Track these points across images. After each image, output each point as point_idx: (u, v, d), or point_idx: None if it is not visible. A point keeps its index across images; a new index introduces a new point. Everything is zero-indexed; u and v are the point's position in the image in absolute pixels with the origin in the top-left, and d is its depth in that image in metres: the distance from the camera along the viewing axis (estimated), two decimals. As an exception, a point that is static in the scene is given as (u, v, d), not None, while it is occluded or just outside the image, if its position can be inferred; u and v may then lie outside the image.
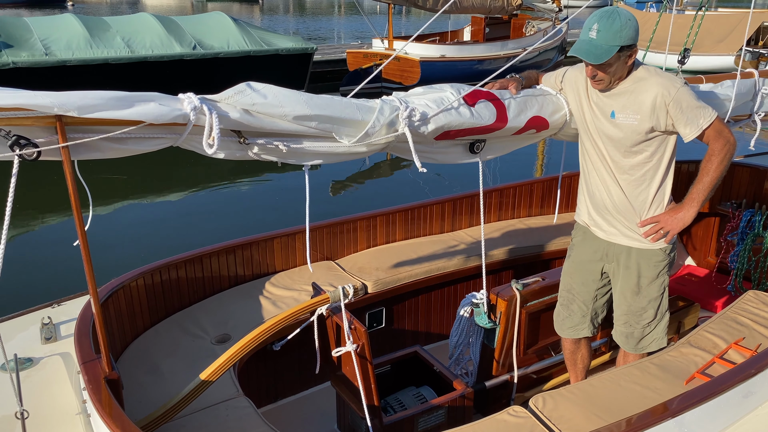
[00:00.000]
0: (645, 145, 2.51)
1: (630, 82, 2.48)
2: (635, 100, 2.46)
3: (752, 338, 2.83)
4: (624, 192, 2.59)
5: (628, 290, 2.70)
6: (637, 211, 2.60)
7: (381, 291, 3.48)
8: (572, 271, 2.86)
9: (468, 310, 3.15)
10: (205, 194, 8.33)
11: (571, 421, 2.32)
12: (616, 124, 2.51)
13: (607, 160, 2.59)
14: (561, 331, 2.95)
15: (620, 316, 2.77)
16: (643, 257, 2.64)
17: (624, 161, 2.55)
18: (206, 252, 3.25)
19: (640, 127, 2.47)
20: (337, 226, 3.72)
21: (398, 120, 2.36)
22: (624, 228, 2.65)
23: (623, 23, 2.33)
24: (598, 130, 2.58)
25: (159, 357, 2.75)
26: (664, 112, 2.42)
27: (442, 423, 2.78)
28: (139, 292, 2.92)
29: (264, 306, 3.17)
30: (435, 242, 3.96)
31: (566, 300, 2.90)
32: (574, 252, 2.86)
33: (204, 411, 2.39)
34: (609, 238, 2.70)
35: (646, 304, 2.68)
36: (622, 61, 2.42)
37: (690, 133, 2.44)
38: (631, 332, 2.75)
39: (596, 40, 2.35)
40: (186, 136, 2.05)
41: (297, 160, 2.31)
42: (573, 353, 3.00)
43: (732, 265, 4.20)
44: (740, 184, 4.28)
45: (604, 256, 2.74)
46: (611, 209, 2.64)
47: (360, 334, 2.44)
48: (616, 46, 2.33)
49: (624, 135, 2.50)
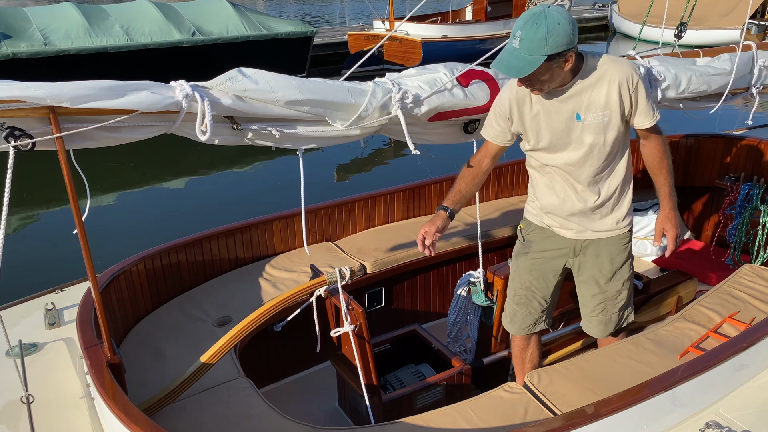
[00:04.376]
0: (617, 140, 2.37)
1: (587, 78, 2.27)
2: (599, 95, 2.28)
3: (747, 312, 2.86)
4: (601, 192, 2.47)
5: (602, 278, 2.60)
6: (614, 203, 2.51)
7: (380, 271, 3.51)
8: (531, 267, 2.69)
9: (465, 288, 3.19)
10: (206, 179, 8.38)
11: (565, 396, 2.36)
12: (584, 127, 2.32)
13: (580, 168, 2.41)
14: (518, 330, 2.81)
15: (596, 305, 2.67)
16: (612, 244, 2.56)
17: (600, 166, 2.40)
18: (206, 236, 3.29)
19: (612, 124, 2.31)
20: (336, 207, 3.75)
21: (391, 102, 2.38)
22: (597, 224, 2.53)
23: (549, 30, 2.08)
24: (564, 137, 2.37)
25: (161, 340, 2.80)
26: (629, 99, 2.29)
27: (441, 399, 2.83)
28: (140, 277, 2.96)
29: (264, 288, 3.21)
30: None
31: (525, 298, 2.73)
32: (533, 248, 2.68)
33: (206, 392, 2.44)
34: (579, 236, 2.57)
35: (621, 286, 2.62)
36: (557, 68, 2.18)
37: (646, 122, 2.34)
38: (609, 318, 2.68)
39: (519, 50, 2.12)
40: (179, 124, 2.08)
41: (291, 144, 2.33)
42: (523, 351, 2.89)
43: (730, 238, 4.21)
44: (738, 158, 4.28)
45: (571, 252, 2.61)
46: (586, 212, 2.50)
47: (358, 315, 2.48)
48: (542, 56, 2.09)
49: (595, 137, 2.33)
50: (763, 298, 2.96)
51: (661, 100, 3.17)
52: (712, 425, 2.17)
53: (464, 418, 2.28)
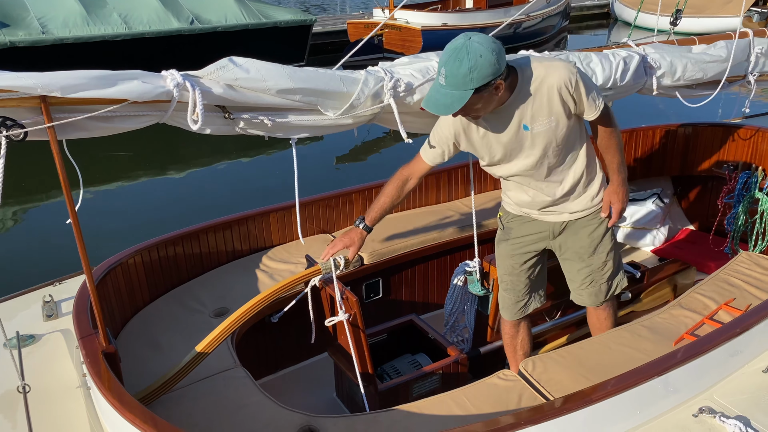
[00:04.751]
0: (570, 135, 2.41)
1: (526, 90, 2.26)
2: (541, 104, 2.28)
3: (743, 299, 2.86)
4: (566, 181, 2.52)
5: (585, 253, 2.67)
6: (583, 185, 2.56)
7: (377, 262, 3.52)
8: (512, 253, 2.75)
9: (461, 278, 3.20)
10: (205, 170, 8.37)
11: (560, 383, 2.37)
12: (533, 135, 2.34)
13: (539, 170, 2.46)
14: (509, 315, 2.87)
15: (583, 279, 2.74)
16: (590, 220, 2.63)
17: (557, 160, 2.45)
18: (203, 228, 3.29)
19: (560, 126, 2.34)
20: (333, 199, 3.74)
21: (383, 91, 2.37)
22: (571, 206, 2.60)
23: (472, 64, 2.04)
24: (516, 149, 2.40)
25: (158, 331, 2.81)
26: (572, 100, 2.29)
27: (437, 388, 2.84)
28: (137, 269, 2.97)
29: (261, 279, 3.22)
30: (431, 213, 3.99)
31: (510, 284, 2.80)
32: (512, 235, 2.74)
33: (202, 382, 2.45)
34: (556, 219, 2.64)
35: (605, 257, 2.69)
36: (488, 96, 2.16)
37: (591, 115, 2.36)
38: (599, 288, 2.75)
39: (445, 87, 2.10)
40: (171, 113, 2.08)
41: (283, 133, 2.33)
42: (513, 338, 2.93)
43: (729, 227, 4.21)
44: (736, 147, 4.27)
45: (550, 234, 2.68)
46: (558, 201, 2.58)
47: (352, 304, 2.49)
48: (468, 91, 2.08)
49: (547, 141, 2.36)
50: (760, 285, 2.96)
51: (657, 87, 3.16)
52: (706, 410, 2.18)
53: (458, 405, 2.29)
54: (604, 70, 2.95)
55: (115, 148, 8.71)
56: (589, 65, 2.92)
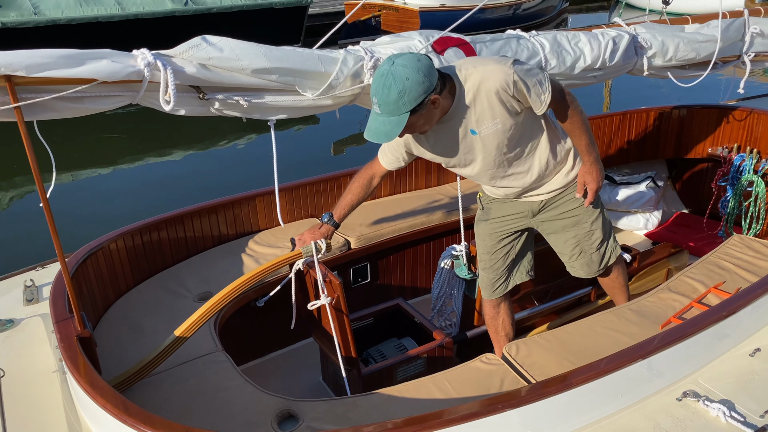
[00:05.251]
0: (523, 129, 2.35)
1: (465, 97, 2.22)
2: (483, 108, 2.22)
3: (732, 282, 2.82)
4: (533, 169, 2.48)
5: (569, 226, 2.66)
6: (554, 165, 2.52)
7: (365, 246, 3.48)
8: (490, 231, 2.75)
9: (448, 262, 3.16)
10: (199, 155, 8.30)
11: (543, 367, 2.34)
12: (482, 138, 2.30)
13: (500, 167, 2.43)
14: (489, 294, 2.86)
15: (571, 250, 2.72)
16: (568, 193, 2.60)
17: (516, 153, 2.41)
18: (188, 212, 3.26)
19: (506, 126, 2.28)
20: (320, 183, 3.70)
21: (363, 71, 2.32)
22: (548, 186, 2.57)
23: (400, 89, 2.01)
24: (469, 154, 2.38)
25: (141, 316, 2.78)
26: (513, 100, 2.22)
27: (422, 372, 2.82)
28: (120, 254, 2.94)
29: (247, 264, 3.19)
30: (420, 197, 3.95)
31: (489, 262, 2.79)
32: (491, 215, 2.73)
33: (181, 366, 2.43)
34: (535, 199, 2.62)
35: (590, 226, 2.66)
36: (427, 113, 2.14)
37: (538, 110, 2.28)
38: (590, 258, 2.73)
39: (381, 115, 2.08)
40: (143, 94, 2.03)
41: (260, 115, 2.28)
42: (494, 318, 2.91)
43: (723, 210, 4.16)
44: (731, 129, 4.21)
45: (529, 213, 2.66)
46: (529, 188, 2.56)
47: (335, 287, 2.45)
48: (404, 114, 2.06)
49: (498, 142, 2.32)
50: (750, 269, 2.92)
51: (648, 68, 3.10)
52: (690, 394, 2.15)
53: (440, 389, 2.26)
54: (593, 50, 2.88)
55: (108, 130, 8.65)
56: (577, 45, 2.86)
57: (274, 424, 2.13)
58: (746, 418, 2.05)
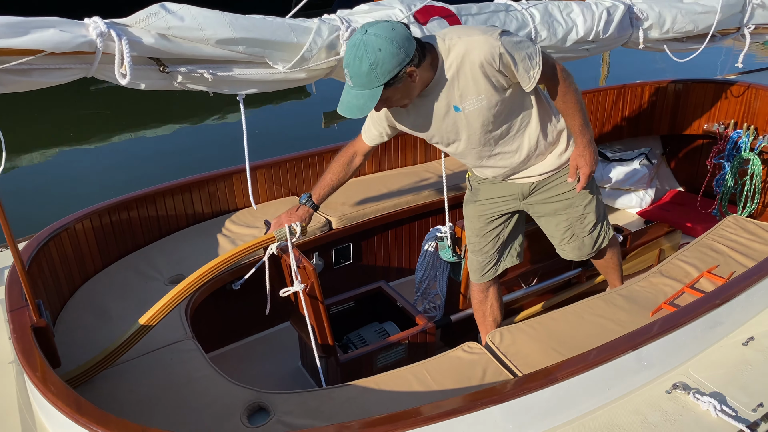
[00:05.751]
0: (510, 106, 2.20)
1: (448, 69, 2.06)
2: (467, 82, 2.07)
3: (726, 266, 2.72)
4: (523, 148, 2.34)
5: (561, 209, 2.53)
6: (544, 145, 2.38)
7: (347, 226, 3.35)
8: (479, 213, 2.62)
9: (433, 244, 3.04)
10: (186, 129, 8.09)
11: (528, 356, 2.24)
12: (466, 115, 2.16)
13: (486, 146, 2.29)
14: (478, 278, 2.74)
15: (563, 234, 2.60)
16: (560, 174, 2.47)
17: (502, 132, 2.26)
18: (160, 190, 3.11)
19: (492, 102, 2.13)
20: (302, 160, 3.55)
21: (339, 41, 2.16)
22: (539, 168, 2.43)
23: (372, 60, 1.87)
24: (452, 131, 2.24)
25: (108, 300, 2.66)
26: (500, 75, 2.06)
27: (403, 359, 2.72)
28: (87, 235, 2.80)
29: (222, 245, 3.06)
30: (406, 174, 3.81)
31: (478, 245, 2.67)
32: (480, 196, 2.60)
33: (148, 356, 2.31)
34: (525, 182, 2.48)
35: (583, 209, 2.54)
36: (404, 86, 1.99)
37: (527, 87, 2.13)
38: (582, 242, 2.61)
39: (354, 88, 1.95)
40: (97, 66, 1.87)
41: (229, 89, 2.13)
42: (482, 303, 2.80)
43: (717, 189, 4.05)
44: (728, 105, 4.07)
45: (519, 196, 2.53)
46: (518, 168, 2.42)
47: (309, 273, 2.33)
48: (378, 87, 1.92)
49: (483, 119, 2.17)
50: (745, 252, 2.81)
51: (643, 40, 2.94)
52: (680, 386, 2.05)
53: (418, 380, 2.15)
54: (586, 21, 2.73)
55: (91, 106, 8.42)
56: (569, 15, 2.70)
57: (244, 418, 2.02)
58: (737, 412, 1.95)
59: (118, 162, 6.91)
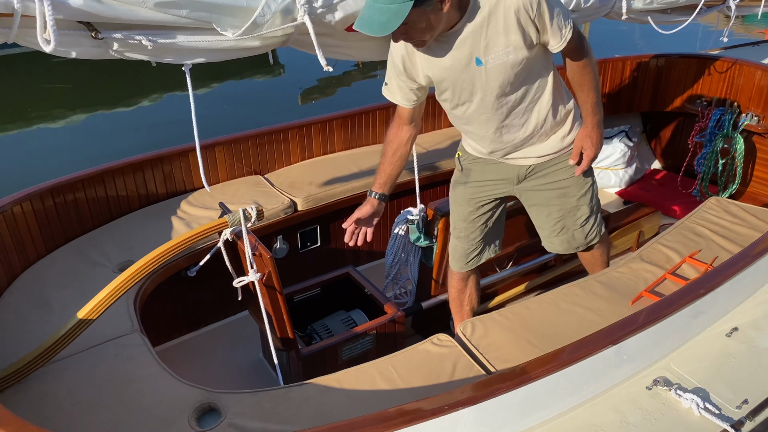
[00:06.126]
0: (532, 69, 2.08)
1: (478, 14, 1.93)
2: (496, 31, 1.95)
3: (709, 250, 2.59)
4: (530, 122, 2.21)
5: (555, 198, 2.39)
6: (551, 124, 2.25)
7: (314, 208, 3.17)
8: (470, 197, 2.46)
9: (403, 227, 2.87)
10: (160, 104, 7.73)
11: (501, 349, 2.09)
12: (487, 71, 2.02)
13: (497, 111, 2.15)
14: (460, 266, 2.58)
15: (553, 226, 2.46)
16: (560, 161, 2.33)
17: (517, 99, 2.14)
18: (110, 169, 2.89)
19: (517, 59, 2.00)
20: (266, 136, 3.35)
21: (295, 6, 1.95)
22: (539, 149, 2.29)
23: None
24: (468, 88, 2.09)
25: (50, 289, 2.45)
26: (533, 27, 1.95)
27: (370, 350, 2.56)
28: (27, 218, 2.58)
29: (177, 228, 2.86)
30: (377, 152, 3.55)
31: (464, 231, 2.50)
32: (472, 178, 2.43)
33: (89, 351, 2.12)
34: (523, 163, 2.34)
35: (577, 202, 2.39)
36: (432, 13, 1.84)
37: (557, 45, 2.03)
38: (572, 236, 2.47)
39: (378, 2, 1.78)
40: (17, 31, 1.65)
41: (173, 58, 1.92)
42: (461, 292, 2.65)
43: (698, 168, 3.93)
44: (711, 81, 3.93)
45: (514, 179, 2.38)
46: (519, 145, 2.27)
47: (266, 262, 2.15)
48: (407, 3, 1.76)
49: (503, 78, 2.04)
50: (728, 235, 2.69)
51: (626, 11, 2.77)
52: (661, 382, 1.93)
53: (383, 377, 2.00)
54: (566, -12, 2.55)
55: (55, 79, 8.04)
56: (548, -18, 2.51)
57: (192, 420, 1.85)
58: (721, 410, 1.83)
59: (78, 139, 6.60)
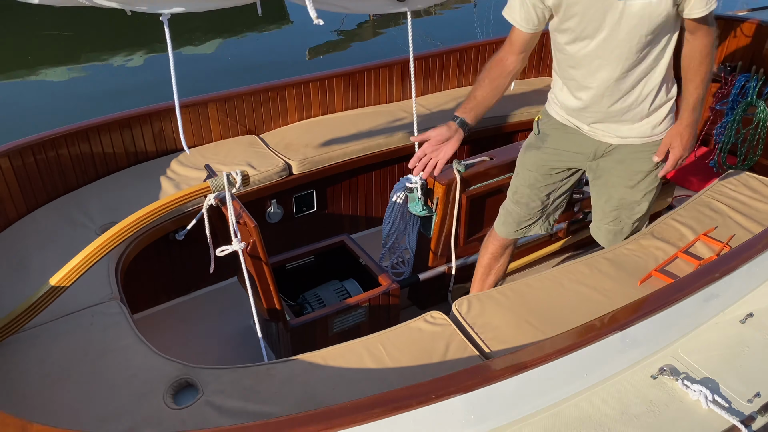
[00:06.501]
0: (664, 29, 1.94)
1: None
2: None
3: (725, 227, 2.43)
4: (635, 92, 2.07)
5: (622, 185, 2.25)
6: (651, 105, 2.11)
7: (310, 171, 3.02)
8: (540, 164, 2.33)
9: (402, 195, 2.73)
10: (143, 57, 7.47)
11: (497, 329, 1.97)
12: (626, 6, 1.87)
13: (609, 61, 1.99)
14: (508, 233, 2.47)
15: (609, 212, 2.34)
16: (642, 150, 2.18)
17: (637, 59, 1.99)
18: (96, 124, 2.75)
19: (659, 10, 1.87)
20: (261, 93, 3.18)
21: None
22: (628, 129, 2.15)
23: None
24: (596, 22, 1.93)
25: (29, 250, 2.35)
26: None
27: (363, 322, 2.45)
28: (5, 175, 2.45)
29: (165, 188, 2.73)
30: (379, 113, 3.45)
31: (526, 197, 2.38)
32: (547, 144, 2.29)
33: (63, 319, 2.02)
34: (605, 139, 2.20)
35: (641, 197, 2.26)
36: None
37: (695, 10, 1.88)
38: (620, 228, 2.36)
39: None
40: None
41: (148, 7, 1.75)
42: (495, 259, 2.54)
43: (717, 137, 3.73)
44: (736, 44, 3.69)
45: (591, 154, 2.24)
46: (612, 116, 2.13)
47: (251, 231, 2.02)
48: None
49: (638, 23, 1.89)
50: (746, 211, 2.52)
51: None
52: (667, 371, 1.80)
53: (372, 356, 1.89)
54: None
55: (55, 26, 7.82)
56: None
57: (167, 397, 1.75)
58: (731, 403, 1.71)
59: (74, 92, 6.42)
